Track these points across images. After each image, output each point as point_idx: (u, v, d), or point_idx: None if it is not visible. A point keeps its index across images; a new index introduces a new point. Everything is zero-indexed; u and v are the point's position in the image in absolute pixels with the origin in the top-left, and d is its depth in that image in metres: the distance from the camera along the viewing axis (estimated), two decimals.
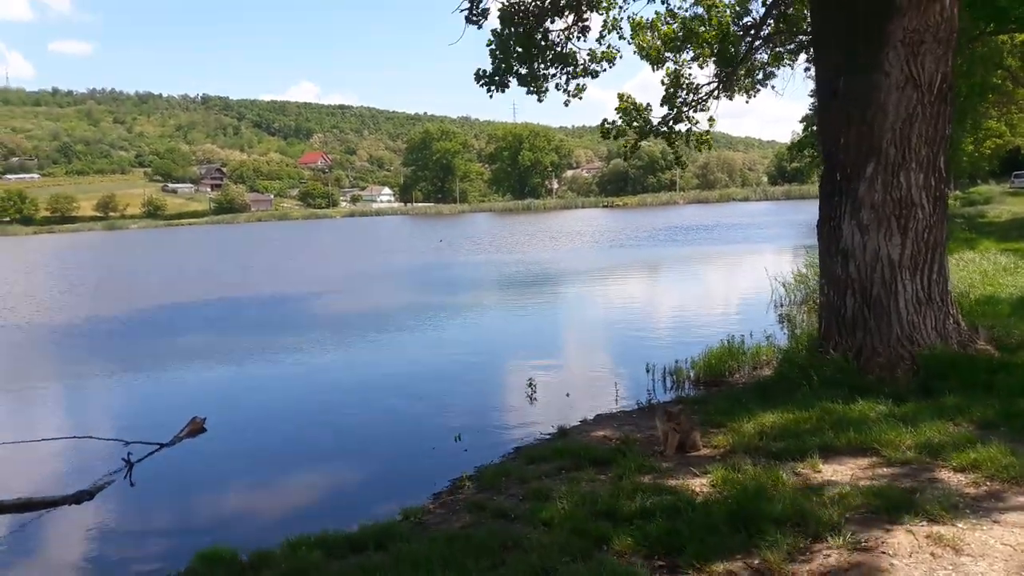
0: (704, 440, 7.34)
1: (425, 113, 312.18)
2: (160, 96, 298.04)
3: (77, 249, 74.03)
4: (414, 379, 12.89)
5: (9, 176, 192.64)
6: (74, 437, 9.67)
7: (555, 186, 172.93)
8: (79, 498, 7.84)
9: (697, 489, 5.93)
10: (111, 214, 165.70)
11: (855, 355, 8.62)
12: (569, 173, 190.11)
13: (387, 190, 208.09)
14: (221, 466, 9.10)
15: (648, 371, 11.47)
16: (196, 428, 10.09)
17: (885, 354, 8.47)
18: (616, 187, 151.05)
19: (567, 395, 10.85)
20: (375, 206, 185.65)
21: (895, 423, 6.76)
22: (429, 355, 14.88)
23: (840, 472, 5.96)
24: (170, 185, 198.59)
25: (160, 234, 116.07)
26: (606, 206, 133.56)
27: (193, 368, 14.78)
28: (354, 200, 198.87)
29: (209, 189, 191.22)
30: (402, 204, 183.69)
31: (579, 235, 54.22)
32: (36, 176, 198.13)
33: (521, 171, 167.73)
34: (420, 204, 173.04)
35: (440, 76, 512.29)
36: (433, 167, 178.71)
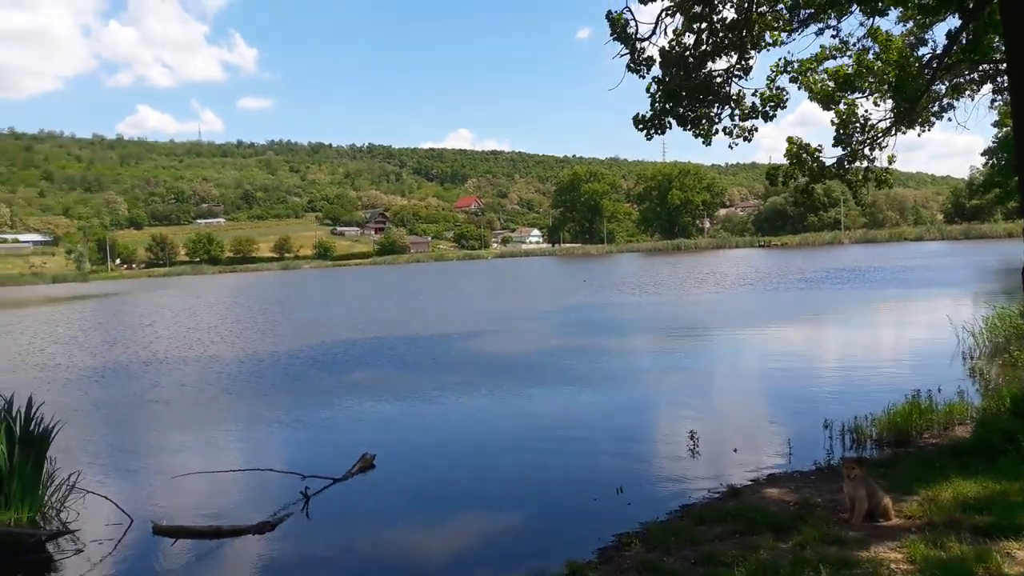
0: (896, 508, 6.74)
1: (574, 155, 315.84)
2: (330, 146, 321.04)
3: (256, 287, 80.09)
4: (570, 424, 12.79)
5: (200, 221, 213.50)
6: (256, 469, 10.30)
7: (707, 225, 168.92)
8: (262, 528, 8.30)
9: (893, 566, 5.42)
10: (286, 255, 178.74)
11: None
12: (722, 212, 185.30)
13: (536, 231, 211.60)
14: (389, 504, 9.35)
15: (825, 427, 10.73)
16: (366, 464, 10.49)
17: None
18: (773, 226, 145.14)
19: (734, 451, 10.33)
20: (524, 247, 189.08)
21: None
22: (584, 401, 14.73)
23: None
24: (338, 228, 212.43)
25: (329, 273, 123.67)
26: (762, 246, 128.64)
27: (361, 404, 15.42)
28: (504, 242, 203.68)
29: (373, 232, 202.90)
30: (550, 245, 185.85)
31: (733, 277, 52.38)
32: (222, 221, 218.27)
33: (670, 210, 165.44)
34: (567, 245, 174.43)
35: (589, 119, 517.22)
36: (581, 208, 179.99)
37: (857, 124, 14.74)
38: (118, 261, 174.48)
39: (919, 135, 16.06)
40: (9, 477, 8.68)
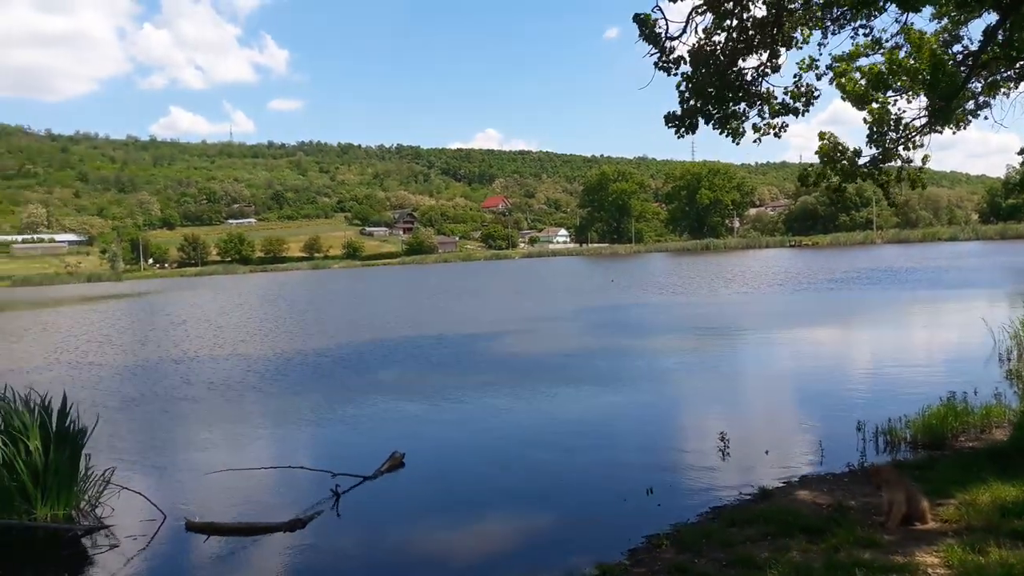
0: (932, 512, 6.61)
1: (602, 155, 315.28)
2: (359, 147, 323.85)
3: (286, 287, 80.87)
4: (598, 425, 12.74)
5: (231, 221, 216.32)
6: (288, 467, 10.40)
7: (736, 225, 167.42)
8: (293, 526, 8.36)
9: (930, 570, 5.33)
10: (316, 254, 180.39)
11: None
12: (752, 211, 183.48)
13: (563, 231, 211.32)
14: (419, 503, 9.38)
15: (858, 429, 10.57)
16: (396, 463, 10.54)
17: None
18: (804, 226, 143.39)
19: (765, 452, 10.21)
20: (551, 247, 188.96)
21: None
22: (612, 401, 14.67)
23: None
24: (367, 228, 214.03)
25: (358, 273, 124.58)
26: (793, 246, 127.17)
27: (389, 403, 15.51)
28: (532, 241, 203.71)
29: (401, 232, 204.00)
30: (577, 245, 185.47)
31: (762, 277, 51.84)
32: (253, 221, 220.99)
33: (699, 210, 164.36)
34: (595, 245, 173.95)
35: (617, 118, 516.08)
36: (609, 208, 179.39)
37: (890, 123, 14.49)
38: (151, 261, 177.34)
39: (954, 133, 15.75)
40: (45, 473, 8.83)
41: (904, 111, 14.49)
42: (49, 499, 8.83)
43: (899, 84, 14.24)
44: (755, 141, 13.76)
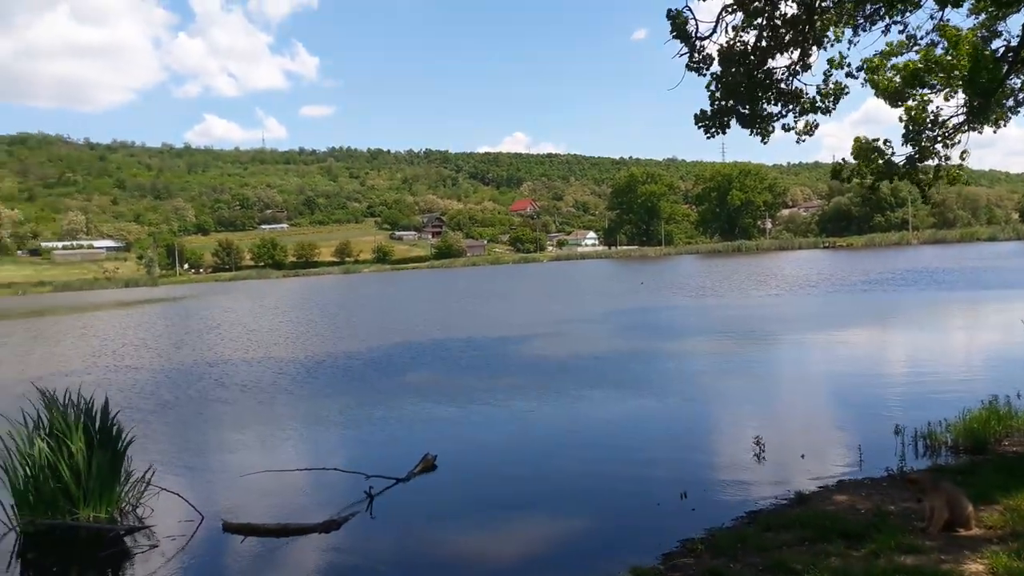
0: (976, 518, 6.46)
1: (630, 157, 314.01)
2: (389, 152, 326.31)
3: (317, 291, 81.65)
4: (631, 428, 12.68)
5: (264, 226, 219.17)
6: (322, 469, 10.49)
7: (769, 226, 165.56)
8: (328, 527, 8.44)
9: None
10: (346, 259, 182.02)
11: None
12: (785, 212, 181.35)
13: (592, 234, 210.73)
14: (451, 505, 9.40)
15: (897, 433, 10.39)
16: (428, 465, 10.58)
17: None
18: (838, 227, 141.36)
19: (801, 456, 10.07)
20: (580, 250, 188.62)
21: None
22: (645, 404, 14.57)
23: None
24: (397, 232, 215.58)
25: (388, 277, 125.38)
26: (827, 247, 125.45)
27: (420, 405, 15.55)
28: (560, 244, 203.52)
29: (430, 236, 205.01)
30: (606, 247, 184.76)
31: (795, 279, 51.15)
32: (285, 226, 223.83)
33: (731, 211, 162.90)
34: (624, 247, 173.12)
35: (645, 120, 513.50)
36: (638, 210, 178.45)
37: (927, 120, 14.24)
38: (186, 266, 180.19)
39: (995, 132, 15.42)
40: (88, 474, 9.01)
41: (941, 109, 14.24)
42: (91, 500, 9.00)
43: (936, 81, 13.98)
44: (798, 141, 13.59)
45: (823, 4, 12.93)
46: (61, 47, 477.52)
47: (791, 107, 13.24)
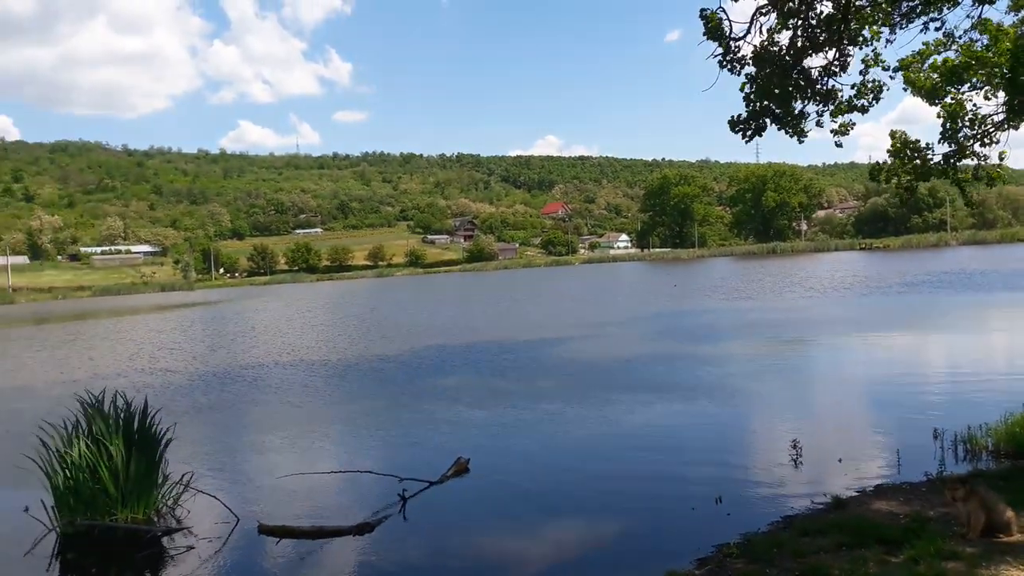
0: (1018, 524, 6.31)
1: (663, 159, 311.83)
2: (421, 156, 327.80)
3: (351, 294, 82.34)
4: (665, 432, 12.59)
5: (298, 231, 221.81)
6: (356, 471, 10.56)
7: (804, 228, 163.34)
8: (362, 529, 8.50)
9: None
10: (379, 263, 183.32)
11: None
12: (821, 213, 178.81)
13: (624, 236, 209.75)
14: (484, 508, 9.43)
15: (935, 437, 10.18)
16: (461, 468, 10.60)
17: None
18: (874, 228, 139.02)
19: (838, 460, 9.92)
20: (612, 252, 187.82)
21: None
22: (679, 408, 14.47)
23: None
24: (429, 236, 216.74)
25: (420, 280, 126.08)
26: (863, 248, 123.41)
27: (452, 408, 15.59)
28: (592, 247, 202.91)
29: (462, 239, 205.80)
30: (639, 250, 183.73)
31: (831, 280, 50.35)
32: (319, 231, 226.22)
33: (765, 213, 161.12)
34: (657, 250, 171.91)
35: (678, 122, 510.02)
36: (671, 212, 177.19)
37: (965, 119, 13.95)
38: (222, 270, 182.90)
39: None
40: (126, 476, 9.18)
41: (980, 107, 13.94)
42: (130, 501, 9.17)
43: (975, 78, 13.70)
44: (837, 144, 13.37)
45: (859, 3, 12.74)
46: (101, 56, 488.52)
47: (827, 106, 13.06)
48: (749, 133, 12.89)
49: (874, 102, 13.16)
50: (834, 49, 13.18)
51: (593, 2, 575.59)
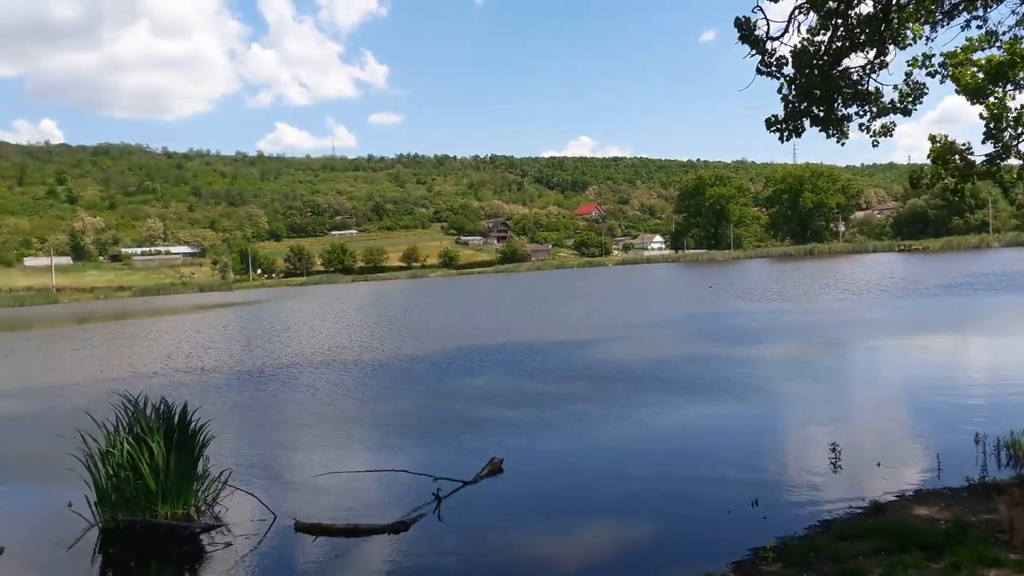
0: None
1: (698, 159, 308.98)
2: (455, 158, 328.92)
3: (386, 295, 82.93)
4: (701, 434, 12.51)
5: (334, 232, 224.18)
6: (392, 470, 10.66)
7: (842, 229, 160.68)
8: (397, 528, 8.59)
9: None
10: (413, 264, 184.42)
11: None
12: (859, 214, 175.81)
13: (658, 237, 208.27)
14: (518, 509, 9.45)
15: (977, 442, 9.98)
16: (495, 468, 10.64)
17: None
18: (914, 229, 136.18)
19: (877, 465, 9.77)
20: (646, 254, 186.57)
21: None
22: (715, 410, 14.34)
23: None
24: (462, 237, 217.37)
25: (454, 281, 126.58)
26: (902, 250, 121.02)
27: (486, 409, 15.66)
28: (626, 248, 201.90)
29: (496, 240, 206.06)
30: (673, 251, 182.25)
31: (869, 282, 49.45)
32: (354, 232, 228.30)
33: (802, 214, 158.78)
34: (692, 251, 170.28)
35: (713, 122, 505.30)
36: (706, 213, 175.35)
37: (1009, 118, 13.64)
38: (259, 271, 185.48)
39: None
40: (166, 473, 9.38)
41: None
42: (170, 498, 9.36)
43: (1021, 77, 13.40)
44: (874, 144, 13.16)
45: (900, 1, 12.53)
46: (142, 60, 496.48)
47: (868, 108, 12.86)
48: (787, 134, 12.75)
49: (915, 104, 12.94)
50: (874, 49, 12.99)
51: (626, 2, 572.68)
